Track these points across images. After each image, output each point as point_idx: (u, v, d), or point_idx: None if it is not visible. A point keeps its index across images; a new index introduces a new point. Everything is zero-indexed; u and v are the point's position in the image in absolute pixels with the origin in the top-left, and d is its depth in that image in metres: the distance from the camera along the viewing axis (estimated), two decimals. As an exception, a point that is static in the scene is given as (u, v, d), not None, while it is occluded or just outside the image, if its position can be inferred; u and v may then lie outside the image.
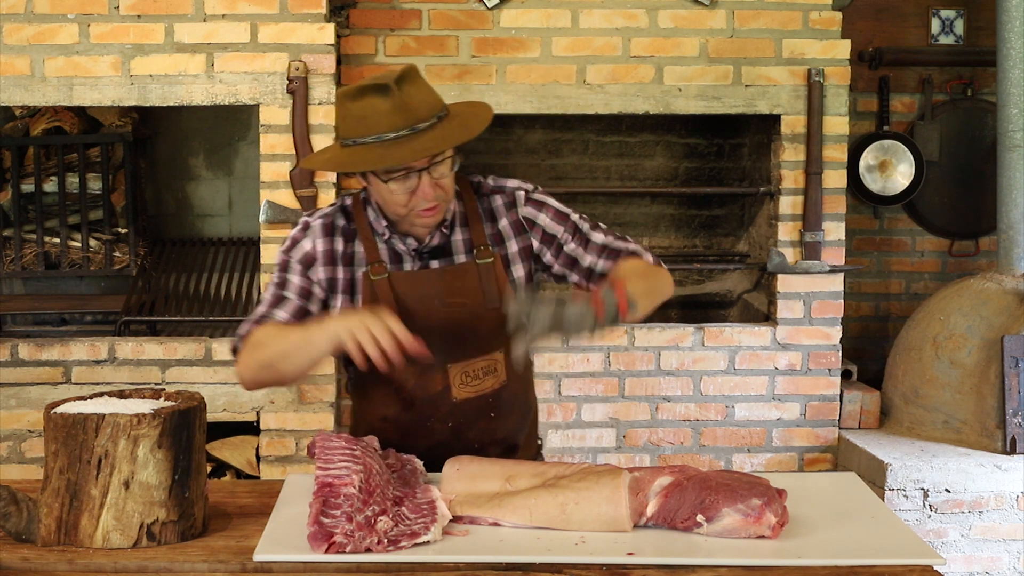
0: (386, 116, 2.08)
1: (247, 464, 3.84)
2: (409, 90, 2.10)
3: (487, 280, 2.24)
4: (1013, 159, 4.11)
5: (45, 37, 3.68)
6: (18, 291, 4.47)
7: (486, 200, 2.31)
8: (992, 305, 4.02)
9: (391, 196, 2.15)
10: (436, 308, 2.22)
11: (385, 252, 2.26)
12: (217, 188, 4.61)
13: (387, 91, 2.08)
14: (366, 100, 2.09)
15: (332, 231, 2.26)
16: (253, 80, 3.73)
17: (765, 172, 4.20)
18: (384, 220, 2.25)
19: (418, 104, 2.11)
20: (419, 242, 2.25)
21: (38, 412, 3.72)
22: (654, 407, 4.09)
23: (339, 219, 2.28)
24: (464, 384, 2.26)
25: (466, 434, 2.27)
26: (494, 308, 2.21)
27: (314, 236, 2.26)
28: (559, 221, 2.30)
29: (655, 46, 3.99)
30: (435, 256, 2.27)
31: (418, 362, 2.10)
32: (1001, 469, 3.74)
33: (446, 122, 2.15)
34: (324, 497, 1.86)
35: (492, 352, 2.27)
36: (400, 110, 2.08)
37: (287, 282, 2.25)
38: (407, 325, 2.05)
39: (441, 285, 2.23)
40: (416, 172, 2.12)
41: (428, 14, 3.94)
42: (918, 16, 4.70)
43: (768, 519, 1.89)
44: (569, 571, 1.77)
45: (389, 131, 2.09)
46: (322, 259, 2.25)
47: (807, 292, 4.09)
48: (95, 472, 1.83)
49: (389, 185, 2.14)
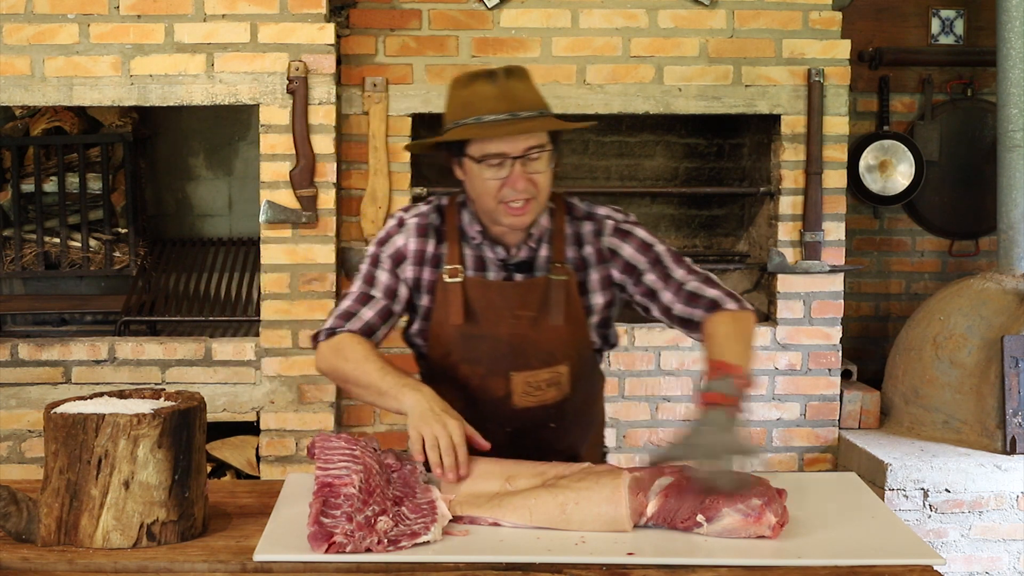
0: (489, 100, 2.15)
1: (247, 464, 3.84)
2: (515, 83, 2.17)
3: (557, 296, 2.26)
4: (1013, 159, 4.11)
5: (45, 37, 3.68)
6: (18, 291, 4.47)
7: (576, 224, 2.33)
8: (992, 305, 4.02)
9: (483, 184, 2.18)
10: (505, 318, 2.24)
11: (471, 258, 2.28)
12: (217, 188, 4.61)
13: (494, 78, 2.16)
14: (473, 87, 2.18)
15: (426, 231, 2.30)
16: (253, 80, 3.73)
17: (765, 172, 4.20)
18: (478, 224, 2.27)
19: (521, 95, 2.17)
20: (507, 252, 2.27)
21: (38, 412, 3.72)
22: (654, 407, 4.09)
23: (434, 219, 2.31)
24: (526, 393, 2.28)
25: (525, 441, 2.27)
26: (559, 324, 2.25)
27: (408, 234, 2.30)
28: (642, 252, 2.31)
29: (655, 46, 3.99)
30: (520, 270, 2.29)
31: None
32: (1001, 469, 3.74)
33: (547, 118, 2.19)
34: (324, 497, 1.86)
35: (557, 365, 2.28)
36: (503, 96, 2.15)
37: (375, 279, 2.29)
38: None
39: (513, 297, 2.26)
40: (510, 160, 2.15)
41: (428, 14, 3.94)
42: (918, 16, 4.70)
43: (768, 519, 1.90)
44: (569, 571, 1.77)
45: (490, 113, 2.14)
46: (412, 258, 2.29)
47: (807, 292, 4.09)
48: (95, 472, 1.83)
49: (483, 170, 2.16)
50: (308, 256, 3.82)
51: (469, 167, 2.20)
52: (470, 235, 2.29)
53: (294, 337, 3.82)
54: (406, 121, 3.96)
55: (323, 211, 3.81)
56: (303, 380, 3.84)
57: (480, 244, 2.29)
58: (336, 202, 3.85)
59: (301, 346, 3.83)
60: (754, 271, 4.29)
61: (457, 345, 2.27)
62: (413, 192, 3.98)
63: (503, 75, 2.16)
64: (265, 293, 3.83)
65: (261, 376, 3.84)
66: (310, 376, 3.84)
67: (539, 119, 2.16)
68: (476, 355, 2.26)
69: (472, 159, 2.18)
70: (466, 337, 2.25)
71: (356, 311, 2.27)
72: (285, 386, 3.84)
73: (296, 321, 3.82)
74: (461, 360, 2.28)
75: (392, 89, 3.93)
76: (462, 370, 2.28)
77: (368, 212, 3.95)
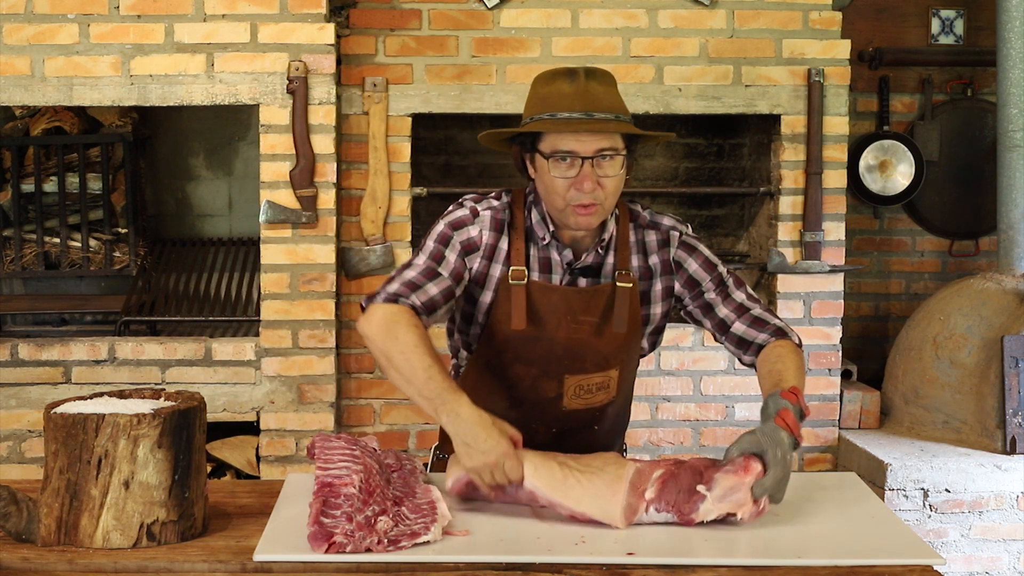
0: (566, 98, 2.15)
1: (247, 464, 3.84)
2: (596, 85, 2.16)
3: (620, 304, 2.25)
4: (1013, 159, 4.11)
5: (45, 37, 3.68)
6: (18, 291, 4.47)
7: (641, 232, 2.32)
8: (992, 305, 4.02)
9: (552, 182, 2.16)
10: (566, 323, 2.24)
11: (537, 259, 2.26)
12: (217, 188, 4.61)
13: (574, 77, 2.16)
14: (554, 84, 2.17)
15: (501, 227, 2.26)
16: (253, 80, 3.73)
17: (765, 172, 4.20)
18: (548, 224, 2.25)
19: (600, 97, 2.16)
20: (575, 256, 2.26)
21: (38, 412, 3.72)
22: (654, 407, 4.09)
23: (506, 214, 2.27)
24: (576, 396, 2.28)
25: (567, 442, 2.25)
26: (621, 332, 2.25)
27: (482, 226, 2.25)
28: (707, 270, 2.33)
29: (655, 46, 3.99)
30: (586, 275, 2.28)
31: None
32: (1001, 469, 3.74)
33: (621, 122, 2.16)
34: (324, 497, 1.86)
35: (608, 370, 2.29)
36: (581, 95, 2.14)
37: (443, 258, 2.22)
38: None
39: (576, 303, 2.24)
40: (581, 160, 2.13)
41: (428, 14, 3.94)
42: (918, 16, 4.70)
43: (754, 466, 1.99)
44: (569, 571, 1.77)
45: (565, 110, 2.14)
46: (484, 251, 2.25)
47: (807, 292, 4.09)
48: (95, 472, 1.83)
49: (551, 167, 2.15)
50: (308, 256, 3.82)
51: (540, 163, 2.18)
52: (539, 235, 2.27)
53: (294, 337, 3.83)
54: (406, 121, 3.96)
55: (323, 211, 3.81)
56: (303, 380, 3.84)
57: (548, 245, 2.27)
58: (336, 202, 3.85)
59: (301, 346, 3.83)
60: (754, 271, 4.29)
61: (514, 345, 2.25)
62: (413, 192, 3.98)
63: (583, 75, 2.16)
64: (265, 293, 3.83)
65: (261, 376, 3.84)
66: (310, 376, 3.84)
67: (613, 121, 2.14)
68: (532, 356, 2.25)
69: (543, 155, 2.16)
70: (525, 339, 2.24)
71: (422, 284, 2.18)
72: (285, 386, 3.84)
73: (296, 321, 3.82)
74: (516, 360, 2.26)
75: (392, 89, 3.93)
76: (515, 369, 2.27)
77: (368, 212, 3.95)
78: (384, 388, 4.02)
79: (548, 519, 1.98)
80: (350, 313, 3.97)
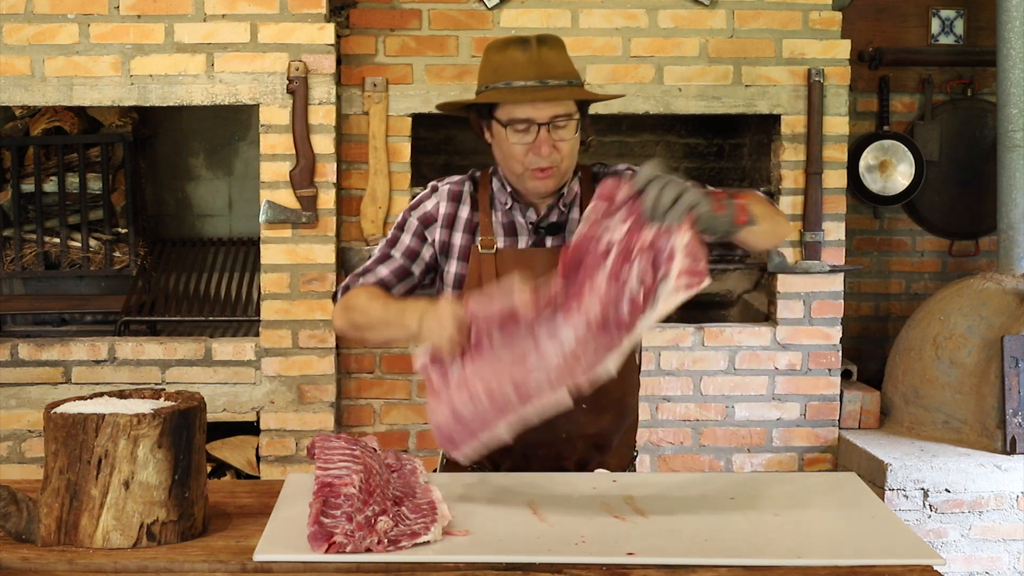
0: (520, 66, 2.19)
1: (247, 464, 3.84)
2: (548, 52, 2.21)
3: None
4: (1013, 159, 4.11)
5: (45, 37, 3.68)
6: (18, 291, 4.47)
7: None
8: (992, 305, 4.02)
9: (510, 148, 2.22)
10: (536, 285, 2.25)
11: (502, 224, 2.32)
12: (217, 188, 4.61)
13: (527, 45, 2.20)
14: (506, 53, 2.21)
15: (459, 197, 2.35)
16: (253, 80, 3.73)
17: (765, 172, 4.20)
18: (508, 188, 2.31)
19: (553, 63, 2.20)
20: (537, 215, 2.31)
21: (38, 412, 3.73)
22: (654, 407, 4.09)
23: (467, 186, 2.36)
24: None
25: (554, 421, 2.19)
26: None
27: (439, 198, 2.35)
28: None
29: (655, 46, 3.99)
30: (551, 232, 2.32)
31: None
32: (1001, 469, 3.74)
33: (576, 88, 2.22)
34: (324, 497, 1.86)
35: None
36: (534, 63, 2.18)
37: (398, 241, 2.35)
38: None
39: (546, 263, 2.25)
40: (537, 126, 2.19)
41: (428, 14, 3.94)
42: (918, 16, 4.70)
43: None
44: (569, 571, 1.77)
45: (520, 79, 2.18)
46: (442, 221, 2.33)
47: (807, 292, 4.09)
48: (95, 472, 1.83)
49: (509, 134, 2.20)
50: (308, 256, 3.82)
51: (497, 131, 2.24)
52: (501, 200, 2.33)
53: (294, 337, 3.83)
54: (406, 121, 3.96)
55: (323, 211, 3.81)
56: (303, 380, 3.84)
57: (511, 208, 2.32)
58: (336, 202, 3.85)
59: (301, 346, 3.83)
60: (754, 271, 4.29)
61: None
62: (413, 192, 3.98)
63: (535, 43, 2.20)
64: (265, 293, 3.83)
65: (261, 376, 3.84)
66: (310, 376, 3.84)
67: (567, 88, 2.20)
68: None
69: (500, 123, 2.22)
70: None
71: (372, 268, 2.34)
72: (285, 386, 3.84)
73: (296, 321, 3.82)
74: None
75: (392, 89, 3.93)
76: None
77: (368, 212, 3.95)
78: (384, 388, 4.02)
79: (549, 519, 1.98)
80: (350, 313, 3.97)
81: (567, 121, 2.21)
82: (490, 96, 2.22)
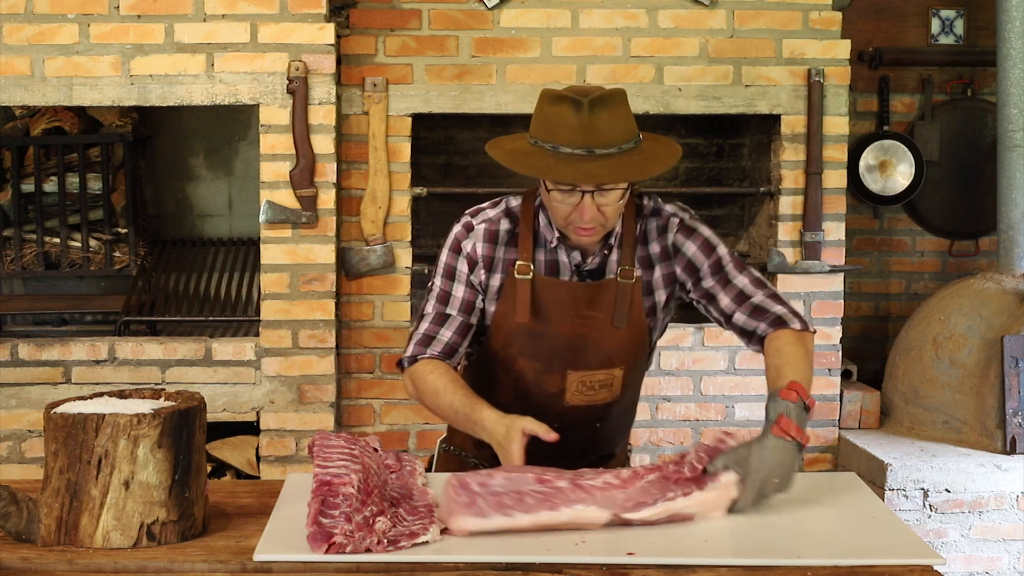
0: (570, 131, 2.11)
1: (247, 464, 3.84)
2: (602, 113, 2.12)
3: (622, 300, 2.26)
4: (1013, 159, 4.11)
5: (45, 37, 3.68)
6: (18, 291, 4.47)
7: (644, 222, 2.32)
8: (992, 305, 4.02)
9: (555, 206, 2.19)
10: (571, 318, 2.26)
11: (545, 262, 2.29)
12: (217, 188, 4.61)
13: (579, 107, 2.11)
14: (559, 108, 2.13)
15: (495, 238, 2.30)
16: (253, 80, 3.73)
17: (765, 172, 4.20)
18: (557, 230, 2.27)
19: (605, 130, 2.12)
20: (583, 259, 2.28)
21: (38, 412, 3.72)
22: (654, 407, 4.09)
23: (503, 224, 2.31)
24: (579, 392, 2.30)
25: (569, 438, 2.24)
26: (621, 328, 2.26)
27: (476, 239, 2.30)
28: (705, 253, 2.31)
29: (655, 46, 3.99)
30: (593, 276, 2.29)
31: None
32: (1001, 469, 3.74)
33: (627, 155, 2.15)
34: (323, 496, 1.86)
35: (613, 368, 2.30)
36: (585, 129, 2.11)
37: (450, 297, 2.31)
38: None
39: (581, 298, 2.26)
40: (582, 192, 2.15)
41: (428, 14, 3.94)
42: (918, 16, 4.70)
43: (718, 485, 1.99)
44: (569, 571, 1.77)
45: (567, 145, 2.11)
46: (483, 263, 2.30)
47: (807, 292, 4.09)
48: (95, 472, 1.83)
49: (553, 195, 2.17)
50: (308, 256, 3.82)
51: (543, 185, 2.22)
52: (547, 239, 2.29)
53: (294, 337, 3.83)
54: (406, 121, 3.96)
55: (323, 211, 3.81)
56: (303, 380, 3.84)
57: (556, 248, 2.29)
58: (336, 202, 3.85)
59: (301, 346, 3.83)
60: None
61: (519, 339, 2.28)
62: (413, 192, 3.98)
63: (588, 105, 2.10)
64: (265, 293, 3.83)
65: (261, 376, 3.84)
66: (310, 376, 3.84)
67: (616, 160, 2.12)
68: (536, 351, 2.28)
69: (544, 182, 2.20)
70: (530, 333, 2.27)
71: (435, 334, 2.29)
72: (285, 386, 3.84)
73: (296, 321, 3.82)
74: (520, 354, 2.29)
75: (392, 89, 3.93)
76: (519, 363, 2.30)
77: (368, 212, 3.95)
78: (384, 388, 4.02)
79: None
80: (350, 313, 3.97)
81: (614, 188, 2.16)
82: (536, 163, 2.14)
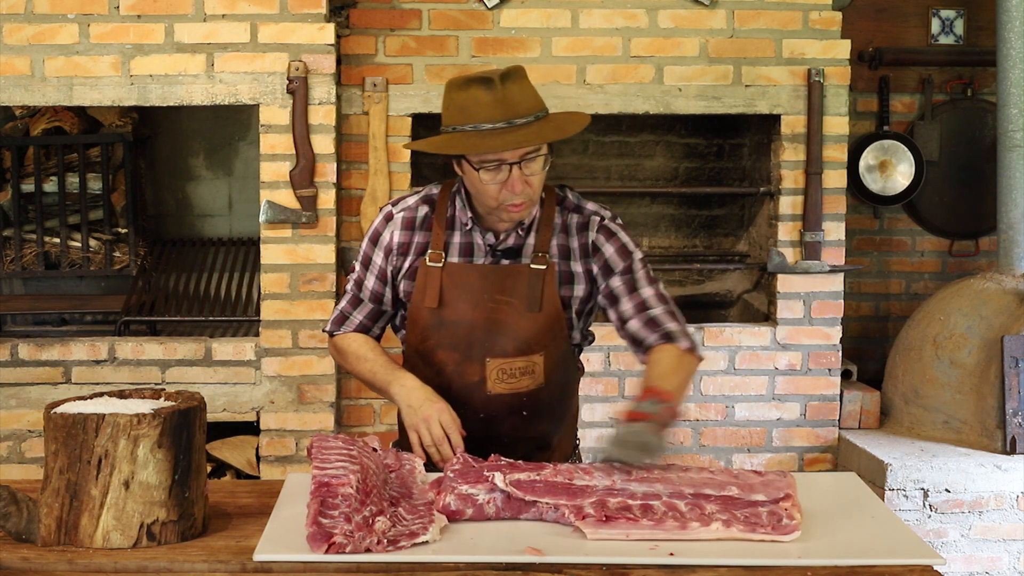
0: (486, 108, 2.18)
1: (247, 464, 3.84)
2: (512, 87, 2.20)
3: (534, 285, 2.31)
4: (1013, 159, 4.11)
5: (45, 37, 3.68)
6: (18, 291, 4.47)
7: (565, 215, 2.38)
8: (992, 305, 4.02)
9: (483, 187, 2.24)
10: (483, 302, 2.31)
11: (459, 245, 2.34)
12: (217, 188, 4.61)
13: (490, 85, 2.19)
14: (470, 91, 2.20)
15: (412, 224, 2.38)
16: (253, 80, 3.73)
17: (765, 172, 4.20)
18: (470, 212, 2.34)
19: (518, 101, 2.20)
20: (496, 239, 2.33)
21: (38, 412, 3.72)
22: (654, 407, 4.08)
23: (421, 210, 2.39)
24: (500, 380, 2.33)
25: (497, 428, 2.34)
26: (535, 313, 2.30)
27: (394, 228, 2.38)
28: (621, 257, 2.36)
29: (655, 46, 3.99)
30: (508, 256, 2.34)
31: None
32: (1001, 469, 3.74)
33: (543, 122, 2.23)
34: (322, 497, 1.86)
35: (532, 355, 2.33)
36: (500, 103, 2.18)
37: (363, 284, 2.43)
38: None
39: (491, 282, 2.31)
40: (508, 165, 2.20)
41: (428, 14, 3.94)
42: (918, 16, 4.70)
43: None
44: (569, 571, 1.77)
45: (487, 122, 2.18)
46: (397, 250, 2.38)
47: (807, 292, 4.09)
48: (95, 472, 1.83)
49: (481, 175, 2.22)
50: (308, 256, 3.82)
51: (467, 169, 2.25)
52: (462, 221, 2.35)
53: (294, 337, 3.83)
54: (406, 121, 3.96)
55: (323, 211, 3.81)
56: (303, 380, 3.84)
57: (470, 230, 2.34)
58: (336, 202, 3.85)
59: (301, 346, 3.83)
60: (754, 271, 4.30)
61: (434, 330, 2.33)
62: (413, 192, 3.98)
63: (499, 80, 2.19)
64: (265, 293, 3.83)
65: (261, 376, 3.84)
66: (310, 376, 3.84)
67: (535, 127, 2.20)
68: (453, 341, 2.32)
69: (470, 163, 2.23)
70: (444, 322, 2.32)
71: (348, 314, 2.45)
72: (285, 386, 3.84)
73: (296, 321, 3.82)
74: (438, 346, 2.34)
75: (392, 89, 3.93)
76: (439, 356, 2.34)
77: (368, 212, 3.94)
78: (384, 388, 4.02)
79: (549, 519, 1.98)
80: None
81: (537, 156, 2.22)
82: (459, 142, 2.20)
